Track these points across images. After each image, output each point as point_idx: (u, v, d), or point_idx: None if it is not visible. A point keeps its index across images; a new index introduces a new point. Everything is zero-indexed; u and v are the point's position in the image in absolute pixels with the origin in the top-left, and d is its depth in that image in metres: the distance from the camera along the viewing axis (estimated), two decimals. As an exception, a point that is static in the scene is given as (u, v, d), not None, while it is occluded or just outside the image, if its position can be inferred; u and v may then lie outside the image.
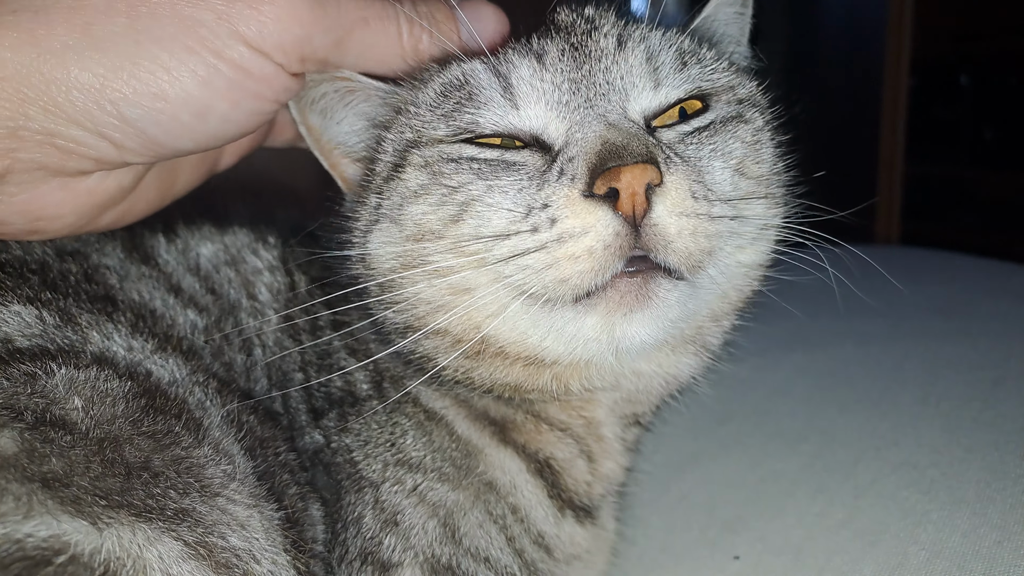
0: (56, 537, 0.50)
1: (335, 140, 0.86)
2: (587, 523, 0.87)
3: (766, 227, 0.78)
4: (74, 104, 0.66)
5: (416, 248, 0.74)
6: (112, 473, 0.56)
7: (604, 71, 0.74)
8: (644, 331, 0.69)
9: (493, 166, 0.73)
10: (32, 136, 0.66)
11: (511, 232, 0.69)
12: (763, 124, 0.82)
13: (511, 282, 0.69)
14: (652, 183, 0.65)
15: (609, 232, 0.65)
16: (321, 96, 0.83)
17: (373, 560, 0.75)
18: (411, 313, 0.76)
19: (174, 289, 0.82)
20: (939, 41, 3.98)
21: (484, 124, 0.75)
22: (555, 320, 0.71)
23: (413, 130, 0.78)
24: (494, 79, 0.75)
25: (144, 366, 0.69)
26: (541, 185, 0.70)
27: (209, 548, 0.57)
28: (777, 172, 0.81)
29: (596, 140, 0.69)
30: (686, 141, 0.75)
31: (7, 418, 0.56)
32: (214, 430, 0.66)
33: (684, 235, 0.66)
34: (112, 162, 0.72)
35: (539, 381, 0.78)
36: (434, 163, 0.75)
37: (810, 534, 0.95)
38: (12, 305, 0.68)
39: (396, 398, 0.81)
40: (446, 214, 0.73)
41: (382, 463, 0.78)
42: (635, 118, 0.74)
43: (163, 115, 0.68)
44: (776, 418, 1.20)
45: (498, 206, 0.71)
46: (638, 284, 0.68)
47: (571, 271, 0.66)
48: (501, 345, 0.75)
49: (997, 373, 1.16)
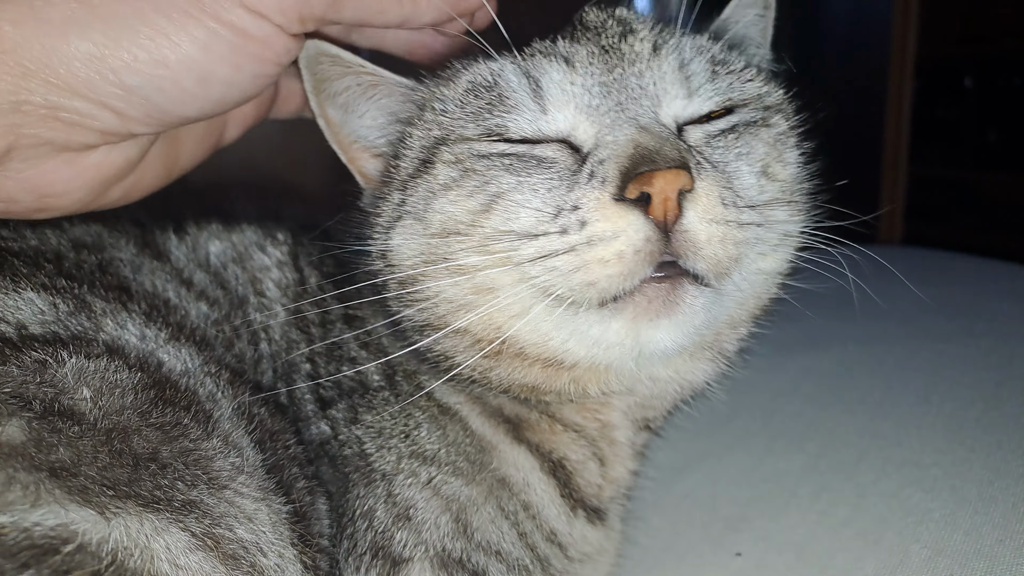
0: (64, 526, 0.50)
1: (355, 134, 0.85)
2: (598, 524, 0.87)
3: (788, 234, 0.77)
4: (76, 75, 0.66)
5: (441, 244, 0.73)
6: (120, 463, 0.56)
7: (637, 75, 0.73)
8: (669, 337, 0.69)
9: (525, 161, 0.72)
10: (35, 111, 0.66)
11: (539, 232, 0.68)
12: (787, 128, 0.81)
13: (537, 283, 0.68)
14: (684, 188, 0.64)
15: (640, 237, 0.64)
16: (344, 89, 0.82)
17: (384, 555, 0.74)
18: (431, 312, 0.75)
19: (186, 283, 0.82)
20: (943, 42, 3.97)
21: (513, 128, 0.74)
22: (579, 323, 0.70)
23: (442, 127, 0.77)
24: (524, 81, 0.74)
25: (156, 355, 0.69)
26: (571, 186, 0.69)
27: (216, 540, 0.57)
28: (800, 179, 0.80)
29: (628, 143, 0.68)
30: (713, 144, 0.74)
31: (15, 407, 0.56)
32: (224, 422, 0.66)
33: (714, 242, 0.66)
34: (117, 133, 0.71)
35: (557, 384, 0.77)
36: (465, 159, 0.74)
37: (813, 532, 0.95)
38: (26, 292, 0.68)
39: (409, 391, 0.81)
40: (475, 205, 0.72)
41: (396, 455, 0.77)
42: (667, 123, 0.73)
43: (165, 82, 0.68)
44: (779, 417, 1.20)
45: (527, 204, 0.70)
46: (666, 290, 0.67)
47: (600, 275, 0.65)
48: (521, 346, 0.74)
49: (1000, 374, 1.16)
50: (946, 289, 1.54)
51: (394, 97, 0.83)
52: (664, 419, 0.92)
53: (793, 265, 0.81)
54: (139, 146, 0.76)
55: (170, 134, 0.80)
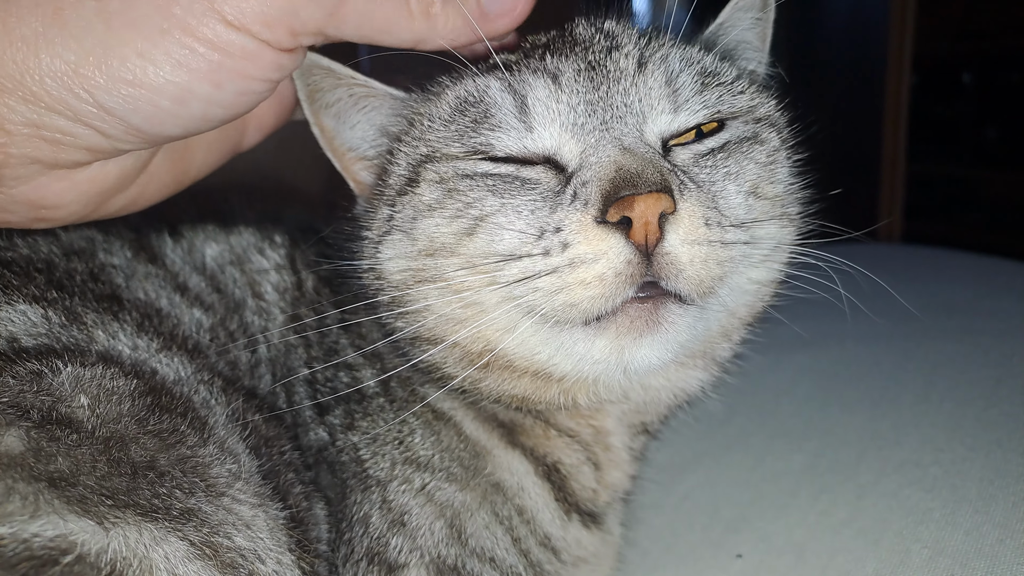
0: (63, 537, 0.50)
1: (348, 144, 0.86)
2: (593, 528, 0.87)
3: (779, 246, 0.77)
4: (49, 92, 0.64)
5: (429, 263, 0.73)
6: (118, 472, 0.56)
7: (622, 93, 0.73)
8: (653, 354, 0.69)
9: (508, 182, 0.72)
10: (19, 129, 0.65)
11: (522, 254, 0.69)
12: (779, 144, 0.80)
13: (522, 303, 0.69)
14: (666, 212, 0.65)
15: (621, 260, 0.65)
16: (336, 100, 0.82)
17: (380, 561, 0.75)
18: (421, 325, 0.76)
19: (180, 288, 0.82)
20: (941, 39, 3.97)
21: (498, 147, 0.74)
22: (565, 340, 0.71)
23: (427, 144, 0.77)
24: (509, 98, 0.74)
25: (149, 364, 0.69)
26: (554, 208, 0.69)
27: (215, 548, 0.56)
28: (792, 191, 0.80)
29: (610, 165, 0.68)
30: (700, 163, 0.74)
31: (13, 416, 0.56)
32: (219, 429, 0.66)
33: (696, 263, 0.66)
34: (105, 150, 0.70)
35: (547, 395, 0.78)
36: (449, 179, 0.74)
37: (813, 533, 0.95)
38: (18, 304, 0.68)
39: (404, 397, 0.81)
40: (459, 228, 0.72)
41: (390, 461, 0.78)
42: (652, 141, 0.73)
43: (140, 102, 0.66)
44: (779, 418, 1.20)
45: (510, 226, 0.70)
46: (648, 310, 0.67)
47: (581, 296, 0.66)
48: (510, 359, 0.75)
49: (999, 371, 1.16)
50: (945, 287, 1.54)
51: (384, 110, 0.83)
52: (661, 423, 0.92)
53: (789, 271, 0.80)
54: (136, 159, 0.75)
55: (177, 143, 0.78)
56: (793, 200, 0.80)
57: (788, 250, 0.78)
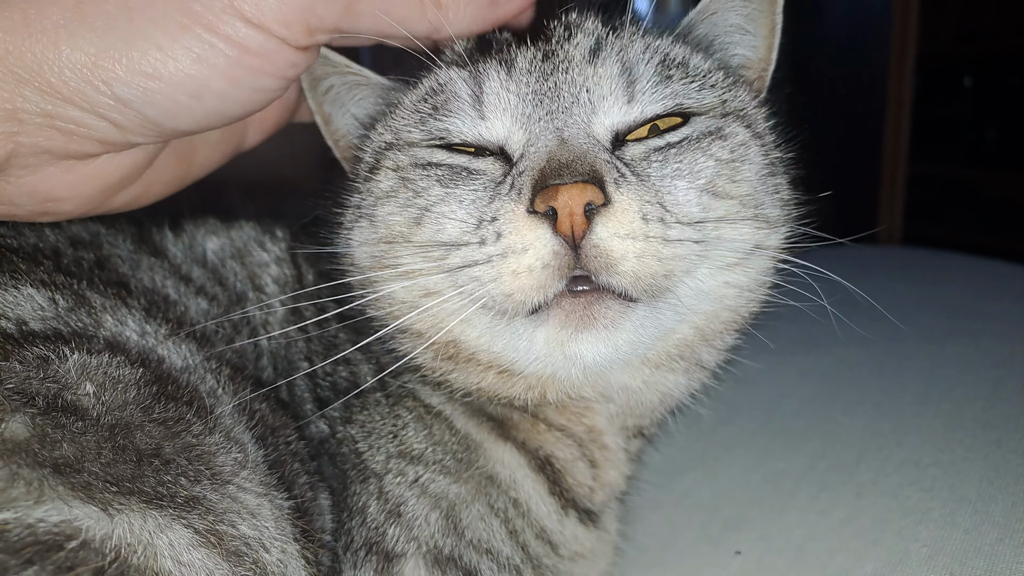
0: (67, 523, 0.50)
1: (342, 130, 0.87)
2: (590, 525, 0.87)
3: (758, 247, 0.74)
4: (67, 84, 0.65)
5: (388, 249, 0.75)
6: (123, 460, 0.56)
7: (570, 83, 0.73)
8: (596, 351, 0.69)
9: (455, 173, 0.73)
10: (32, 118, 0.66)
11: (462, 242, 0.69)
12: (747, 139, 0.77)
13: (465, 291, 0.69)
14: (594, 203, 0.64)
15: (547, 251, 0.65)
16: (328, 88, 0.84)
17: (377, 550, 0.75)
18: (387, 311, 0.77)
19: (184, 279, 0.82)
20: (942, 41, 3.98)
21: (454, 133, 0.75)
22: (512, 332, 0.71)
23: (392, 132, 0.79)
24: (467, 87, 0.75)
25: (157, 352, 0.69)
26: (493, 197, 0.70)
27: (219, 536, 0.57)
28: (767, 191, 0.76)
29: (544, 156, 0.68)
30: (651, 158, 0.72)
31: (19, 403, 0.56)
32: (225, 418, 0.66)
33: (629, 258, 0.65)
34: (116, 143, 0.70)
35: (512, 390, 0.78)
36: (404, 167, 0.75)
37: (812, 532, 0.95)
38: (25, 288, 0.68)
39: (396, 391, 0.82)
40: (409, 216, 0.73)
41: (385, 454, 0.79)
42: (598, 133, 0.72)
43: (158, 95, 0.67)
44: (778, 418, 1.20)
45: (452, 215, 0.71)
46: (582, 305, 0.67)
47: (514, 286, 0.66)
48: (472, 352, 0.76)
49: (998, 373, 1.16)
50: (945, 288, 1.54)
51: (373, 98, 0.85)
52: (656, 427, 0.92)
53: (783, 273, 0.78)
54: (144, 154, 0.75)
55: (182, 140, 0.79)
56: (771, 201, 0.77)
57: (772, 255, 0.76)
